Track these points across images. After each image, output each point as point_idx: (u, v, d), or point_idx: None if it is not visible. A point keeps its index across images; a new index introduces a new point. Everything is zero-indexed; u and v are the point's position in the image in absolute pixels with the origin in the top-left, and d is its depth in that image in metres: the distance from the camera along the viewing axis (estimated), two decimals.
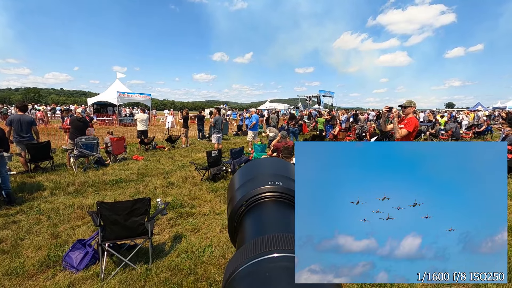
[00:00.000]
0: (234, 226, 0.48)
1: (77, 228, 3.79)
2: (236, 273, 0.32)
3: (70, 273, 2.82)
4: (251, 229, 0.43)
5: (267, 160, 0.61)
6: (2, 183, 4.43)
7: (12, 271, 2.83)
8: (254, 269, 0.31)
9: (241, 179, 0.54)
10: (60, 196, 4.99)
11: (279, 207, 0.46)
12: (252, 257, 0.32)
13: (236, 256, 0.35)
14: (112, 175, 6.49)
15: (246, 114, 18.13)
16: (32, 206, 4.49)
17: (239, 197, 0.48)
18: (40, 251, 3.22)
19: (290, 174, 0.53)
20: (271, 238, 0.35)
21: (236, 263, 0.33)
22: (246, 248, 0.35)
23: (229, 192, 0.55)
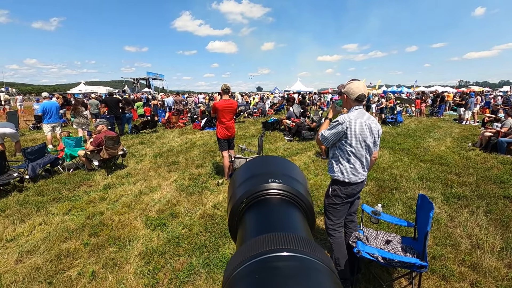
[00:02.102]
0: (235, 222, 0.46)
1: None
2: (238, 270, 0.30)
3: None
4: (252, 226, 0.41)
5: (268, 159, 0.58)
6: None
7: None
8: (255, 267, 0.29)
9: (242, 177, 0.52)
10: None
11: (280, 205, 0.44)
12: (254, 256, 0.30)
13: (237, 253, 0.33)
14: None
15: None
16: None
17: (240, 194, 0.47)
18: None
19: (292, 172, 0.52)
20: (274, 237, 0.32)
21: (237, 261, 0.31)
22: (248, 246, 0.33)
23: (230, 189, 0.53)
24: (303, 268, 0.29)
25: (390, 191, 4.41)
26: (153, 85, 35.72)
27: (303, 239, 0.34)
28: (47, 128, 7.52)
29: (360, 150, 2.06)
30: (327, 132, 2.11)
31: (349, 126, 2.00)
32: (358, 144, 2.04)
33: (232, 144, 4.84)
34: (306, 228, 0.44)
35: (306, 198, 0.49)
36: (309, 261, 0.30)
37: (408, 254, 2.13)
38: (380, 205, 2.63)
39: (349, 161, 2.07)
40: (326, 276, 0.30)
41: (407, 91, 32.92)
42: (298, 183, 0.51)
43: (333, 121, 2.10)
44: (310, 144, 7.93)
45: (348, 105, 2.14)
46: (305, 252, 0.31)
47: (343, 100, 2.17)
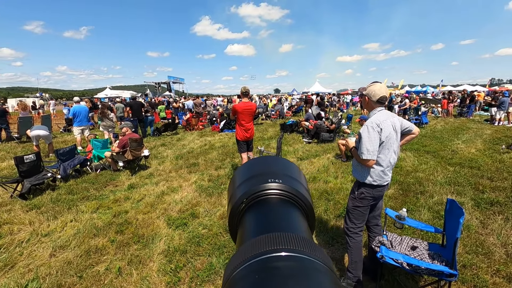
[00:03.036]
0: (235, 222, 0.46)
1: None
2: (238, 270, 0.30)
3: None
4: (252, 226, 0.41)
5: (268, 159, 0.59)
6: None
7: None
8: (255, 268, 0.29)
9: (242, 177, 0.52)
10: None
11: (280, 205, 0.44)
12: (254, 256, 0.30)
13: (237, 254, 0.33)
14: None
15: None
16: None
17: (240, 194, 0.46)
18: None
19: (292, 173, 0.52)
20: (274, 237, 0.32)
21: (237, 262, 0.31)
22: (248, 247, 0.32)
23: (229, 189, 0.53)
24: (303, 268, 0.29)
25: (415, 195, 4.22)
26: (173, 89, 36.81)
27: (303, 239, 0.34)
28: (76, 131, 7.98)
29: (388, 151, 2.01)
30: (368, 144, 1.93)
31: (382, 128, 1.95)
32: (388, 145, 2.00)
33: (251, 146, 4.88)
34: (306, 228, 0.43)
35: (306, 198, 0.49)
36: (309, 261, 0.30)
37: (436, 262, 2.03)
38: (404, 210, 2.53)
39: (379, 163, 2.02)
40: (326, 276, 0.30)
41: (433, 90, 31.38)
42: (298, 183, 0.51)
43: (363, 130, 1.99)
44: (329, 146, 7.79)
45: (369, 107, 2.10)
46: (305, 252, 0.31)
47: (364, 102, 2.12)
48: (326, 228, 3.33)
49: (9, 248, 3.07)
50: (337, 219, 3.53)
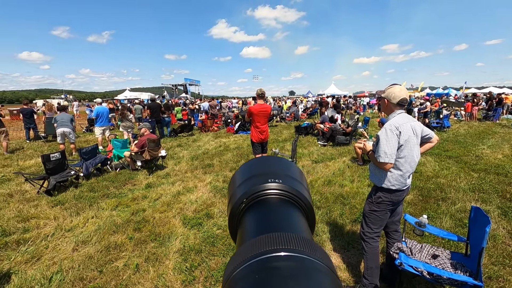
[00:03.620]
0: (235, 223, 0.46)
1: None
2: (238, 270, 0.30)
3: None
4: (252, 226, 0.41)
5: (268, 159, 0.58)
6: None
7: None
8: (255, 268, 0.29)
9: (242, 177, 0.52)
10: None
11: (280, 205, 0.44)
12: (254, 256, 0.30)
13: (237, 254, 0.33)
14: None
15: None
16: None
17: (240, 194, 0.46)
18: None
19: (292, 173, 0.52)
20: (274, 237, 0.32)
21: (237, 262, 0.31)
22: (248, 247, 0.32)
23: (229, 190, 0.53)
24: (303, 268, 0.29)
25: (436, 201, 4.06)
26: (189, 91, 37.54)
27: (303, 239, 0.33)
28: (98, 131, 8.31)
29: (408, 155, 1.96)
30: (386, 147, 1.87)
31: (401, 131, 1.90)
32: (407, 149, 1.94)
33: (265, 148, 4.89)
34: (306, 228, 0.43)
35: (306, 198, 0.48)
36: (309, 261, 0.30)
37: (459, 272, 1.94)
38: (425, 216, 2.44)
39: (398, 167, 1.97)
40: (326, 276, 0.29)
41: (455, 93, 30.06)
42: (298, 183, 0.51)
43: (381, 132, 1.94)
44: (345, 149, 7.65)
45: (389, 110, 2.05)
46: (305, 252, 0.31)
47: (383, 105, 2.07)
48: (342, 232, 3.27)
49: (36, 241, 3.24)
50: (353, 224, 3.45)
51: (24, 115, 9.95)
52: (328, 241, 3.10)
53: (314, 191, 4.56)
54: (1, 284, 2.54)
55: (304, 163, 6.38)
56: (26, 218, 3.81)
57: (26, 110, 9.95)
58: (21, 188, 5.01)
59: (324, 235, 3.23)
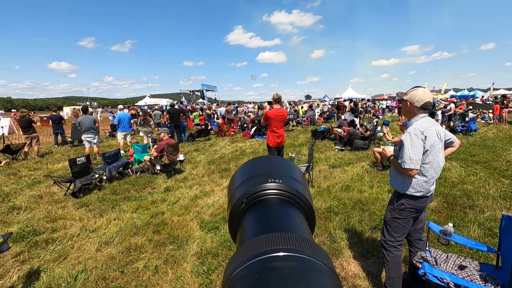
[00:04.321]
0: (235, 223, 0.46)
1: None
2: (237, 271, 0.30)
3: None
4: (252, 226, 0.41)
5: (267, 159, 0.58)
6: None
7: None
8: (255, 268, 0.29)
9: (242, 177, 0.52)
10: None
11: (280, 205, 0.45)
12: (253, 256, 0.30)
13: (237, 254, 0.33)
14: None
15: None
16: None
17: (240, 194, 0.47)
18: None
19: (292, 173, 0.53)
20: (273, 237, 0.32)
21: (237, 262, 0.31)
22: (247, 247, 0.33)
23: (229, 190, 0.53)
24: (304, 268, 0.29)
25: (462, 209, 3.85)
26: (206, 96, 38.28)
27: (304, 239, 0.33)
28: (120, 136, 8.65)
29: (433, 160, 1.88)
30: (411, 153, 1.80)
31: (426, 135, 1.83)
32: (433, 154, 1.87)
33: (281, 152, 4.87)
34: (307, 228, 0.43)
35: (306, 198, 0.48)
36: (309, 261, 0.30)
37: (489, 284, 1.83)
38: (451, 225, 2.33)
39: (422, 173, 1.89)
40: (326, 276, 0.29)
41: (482, 95, 28.50)
42: (298, 183, 0.50)
43: (405, 137, 1.86)
44: (363, 154, 7.46)
45: (411, 114, 1.98)
46: (305, 252, 0.31)
47: (405, 108, 2.01)
48: (361, 240, 3.17)
49: (63, 241, 3.41)
50: (373, 231, 3.35)
51: (53, 121, 10.57)
52: (346, 248, 3.02)
53: (332, 197, 4.47)
54: (32, 281, 2.69)
55: (321, 168, 6.28)
56: (54, 218, 4.02)
57: (55, 116, 10.58)
58: (50, 190, 5.30)
59: (342, 241, 3.15)
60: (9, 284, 2.67)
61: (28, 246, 3.30)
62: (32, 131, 8.29)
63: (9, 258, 3.06)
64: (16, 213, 4.28)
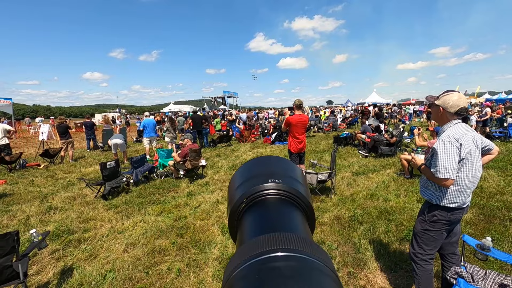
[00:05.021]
0: (235, 223, 0.47)
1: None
2: (237, 271, 0.30)
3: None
4: (252, 226, 0.42)
5: (267, 159, 0.59)
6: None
7: None
8: (255, 268, 0.29)
9: (241, 177, 0.53)
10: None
11: (280, 206, 0.45)
12: (253, 256, 0.31)
13: (237, 254, 0.33)
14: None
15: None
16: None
17: (239, 194, 0.47)
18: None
19: (293, 173, 0.53)
20: (273, 237, 0.33)
21: (237, 262, 0.31)
22: (248, 247, 0.33)
23: (229, 190, 0.54)
24: (304, 268, 0.28)
25: (502, 222, 3.55)
26: (228, 103, 38.95)
27: (304, 239, 0.33)
28: (145, 141, 9.04)
29: (469, 170, 1.76)
30: (445, 161, 1.69)
31: (462, 143, 1.71)
32: (469, 163, 1.75)
33: (303, 158, 4.82)
34: (307, 228, 0.43)
35: (307, 199, 0.48)
36: (309, 261, 0.30)
37: None
38: (489, 239, 2.15)
39: (457, 183, 1.77)
40: (326, 276, 0.29)
41: None
42: (298, 183, 0.50)
43: (438, 145, 1.75)
44: (389, 161, 7.15)
45: (443, 120, 1.86)
46: (305, 252, 0.31)
47: (436, 113, 1.90)
48: (388, 251, 3.02)
49: (93, 241, 3.60)
50: (401, 242, 3.18)
51: (86, 127, 11.30)
52: (372, 259, 2.89)
53: (356, 205, 4.33)
54: (65, 278, 2.85)
55: (344, 175, 6.11)
56: (86, 219, 4.26)
57: (88, 123, 11.31)
58: (82, 192, 5.64)
59: (367, 252, 3.02)
60: (45, 279, 2.85)
61: (63, 244, 3.52)
62: (68, 137, 8.92)
63: (46, 255, 3.28)
64: (53, 213, 4.59)
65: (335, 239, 3.37)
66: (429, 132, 8.05)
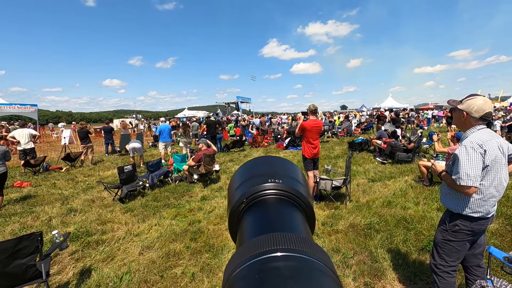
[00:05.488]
0: (234, 223, 0.47)
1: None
2: (237, 271, 0.30)
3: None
4: (252, 227, 0.42)
5: (267, 159, 0.59)
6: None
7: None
8: (255, 268, 0.29)
9: (241, 177, 0.53)
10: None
11: (280, 206, 0.45)
12: (253, 256, 0.31)
13: (237, 254, 0.34)
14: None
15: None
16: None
17: (239, 194, 0.48)
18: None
19: (293, 173, 0.53)
20: (273, 237, 0.33)
21: (237, 262, 0.32)
22: (248, 247, 0.33)
23: (229, 190, 0.54)
24: (304, 268, 0.28)
25: None
26: (241, 108, 39.27)
27: (304, 239, 0.33)
28: (161, 146, 9.24)
29: (494, 177, 1.68)
30: (468, 168, 1.63)
31: (486, 149, 1.64)
32: (494, 170, 1.67)
33: (317, 164, 4.76)
34: (307, 228, 0.42)
35: (307, 199, 0.47)
36: (309, 261, 0.30)
37: None
38: None
39: (481, 192, 1.70)
40: (326, 276, 0.29)
41: None
42: (299, 184, 0.50)
43: (461, 151, 1.68)
44: (406, 168, 6.93)
45: (466, 125, 1.78)
46: (305, 252, 0.31)
47: (459, 118, 1.82)
48: (406, 261, 2.91)
49: (111, 243, 3.70)
50: (420, 253, 3.06)
51: (105, 132, 11.72)
52: (390, 269, 2.79)
53: (372, 213, 4.21)
54: (84, 278, 2.94)
55: (359, 181, 5.98)
56: (104, 221, 4.39)
57: (107, 128, 11.72)
58: (100, 195, 5.82)
59: (385, 262, 2.92)
60: (65, 279, 2.95)
61: (82, 245, 3.63)
62: (88, 141, 9.27)
63: (66, 256, 3.40)
64: (73, 215, 4.76)
65: (350, 247, 3.28)
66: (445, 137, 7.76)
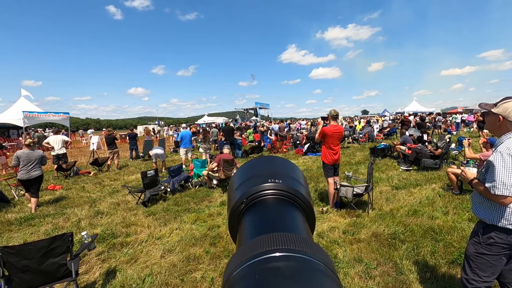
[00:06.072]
0: (234, 223, 0.48)
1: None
2: (237, 271, 0.31)
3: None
4: (252, 227, 0.42)
5: (268, 159, 0.59)
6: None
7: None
8: (255, 268, 0.30)
9: (241, 178, 0.53)
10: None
11: (280, 206, 0.45)
12: (253, 256, 0.31)
13: (237, 254, 0.34)
14: (19, 212, 5.38)
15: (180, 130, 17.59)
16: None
17: (239, 194, 0.48)
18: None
19: (293, 173, 0.53)
20: (273, 237, 0.33)
21: (237, 262, 0.32)
22: (248, 247, 0.34)
23: (229, 190, 0.55)
24: (304, 268, 0.28)
25: None
26: (259, 114, 39.49)
27: (304, 240, 0.33)
28: (182, 152, 9.49)
29: None
30: (504, 176, 1.54)
31: None
32: None
33: (337, 170, 4.66)
34: (307, 228, 0.42)
35: (307, 199, 0.47)
36: (309, 261, 0.30)
37: None
38: None
39: None
40: (326, 276, 0.29)
41: None
42: (299, 184, 0.49)
43: (496, 158, 1.58)
44: (433, 175, 6.58)
45: (502, 130, 1.66)
46: (305, 252, 0.30)
47: (494, 123, 1.70)
48: (435, 275, 2.75)
49: (134, 245, 3.83)
50: (450, 266, 2.87)
51: (130, 138, 12.25)
52: (416, 283, 2.65)
53: (396, 222, 4.03)
54: (110, 279, 3.06)
55: (382, 189, 5.76)
56: (128, 224, 4.56)
57: (132, 134, 12.25)
58: (125, 199, 6.07)
59: (411, 274, 2.78)
60: (92, 279, 3.09)
61: (108, 247, 3.79)
62: (114, 147, 9.74)
63: (93, 256, 3.57)
64: (100, 217, 5.00)
65: (373, 257, 3.16)
66: (477, 142, 7.29)
